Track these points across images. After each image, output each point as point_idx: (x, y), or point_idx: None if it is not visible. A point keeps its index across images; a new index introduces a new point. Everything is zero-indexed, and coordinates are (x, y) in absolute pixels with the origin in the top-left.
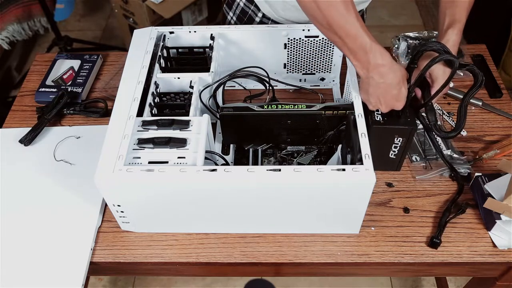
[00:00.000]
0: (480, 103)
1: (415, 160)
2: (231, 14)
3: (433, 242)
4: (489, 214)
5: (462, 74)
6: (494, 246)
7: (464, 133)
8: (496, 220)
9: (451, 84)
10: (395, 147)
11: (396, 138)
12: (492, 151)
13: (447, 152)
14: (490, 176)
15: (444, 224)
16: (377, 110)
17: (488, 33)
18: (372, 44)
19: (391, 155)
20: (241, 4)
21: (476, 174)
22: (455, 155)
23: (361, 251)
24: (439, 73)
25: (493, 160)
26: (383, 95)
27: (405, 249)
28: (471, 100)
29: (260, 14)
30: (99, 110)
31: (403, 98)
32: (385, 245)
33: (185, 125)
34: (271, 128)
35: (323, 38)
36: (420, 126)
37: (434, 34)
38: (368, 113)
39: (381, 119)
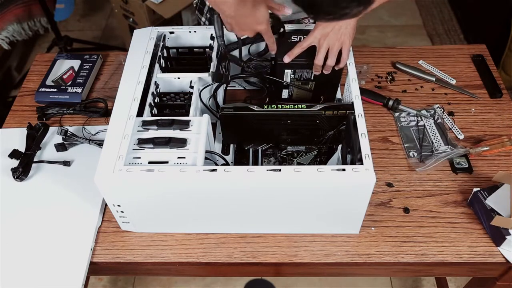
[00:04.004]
0: (434, 79)
1: (412, 156)
2: (203, 19)
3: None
4: (497, 230)
5: None
6: (494, 246)
7: (461, 136)
8: (506, 236)
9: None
10: None
11: None
12: (480, 147)
13: (445, 148)
14: (489, 190)
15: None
16: None
17: (488, 33)
18: None
19: None
20: (211, 5)
21: (475, 189)
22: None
23: (361, 251)
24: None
25: (481, 156)
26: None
27: (405, 249)
28: (424, 76)
29: None
30: (99, 110)
31: (264, 21)
32: (385, 245)
33: (185, 125)
34: (271, 128)
35: None
36: (421, 123)
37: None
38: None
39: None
